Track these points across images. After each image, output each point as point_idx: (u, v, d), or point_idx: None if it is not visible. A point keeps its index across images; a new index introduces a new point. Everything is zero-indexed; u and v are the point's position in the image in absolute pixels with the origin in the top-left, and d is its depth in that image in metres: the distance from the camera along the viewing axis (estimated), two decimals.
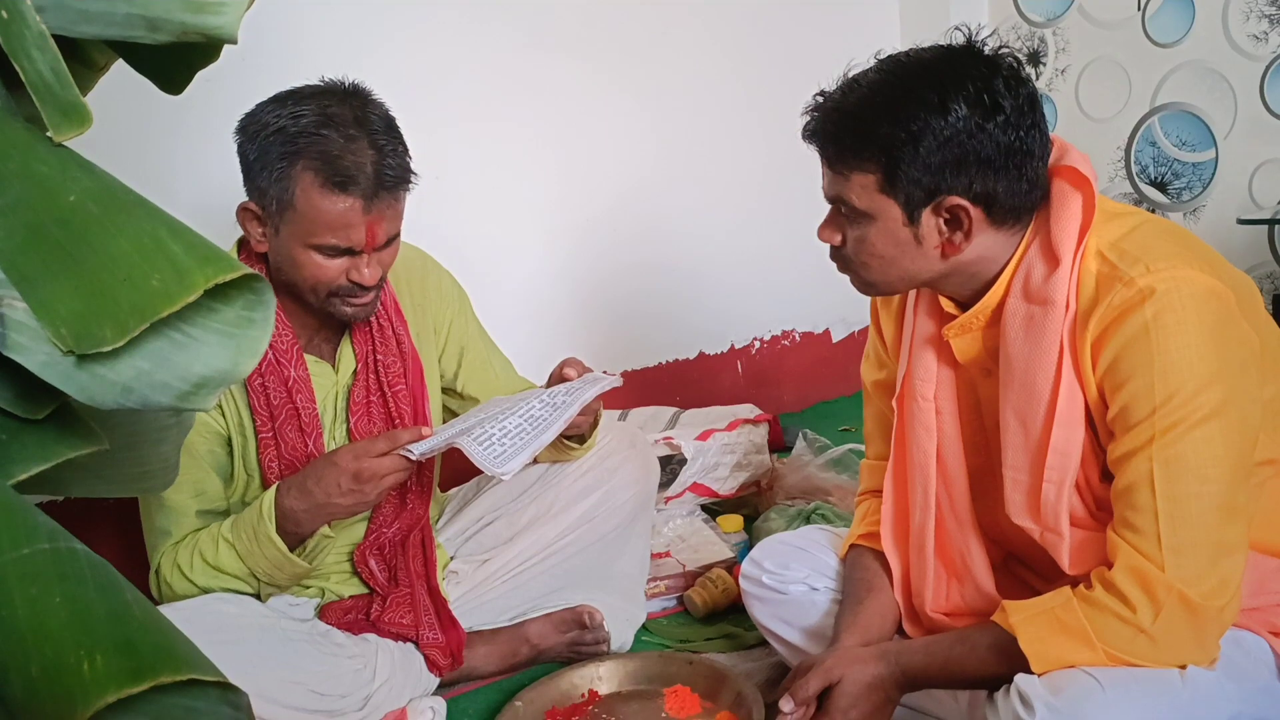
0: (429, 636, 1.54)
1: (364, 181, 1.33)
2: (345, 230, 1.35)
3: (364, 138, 1.34)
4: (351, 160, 1.32)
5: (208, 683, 0.49)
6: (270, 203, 1.35)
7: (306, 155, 1.32)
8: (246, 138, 1.37)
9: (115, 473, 0.68)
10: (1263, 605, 1.11)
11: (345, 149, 1.32)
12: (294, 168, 1.32)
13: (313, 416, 1.47)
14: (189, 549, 1.42)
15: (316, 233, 1.35)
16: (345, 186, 1.32)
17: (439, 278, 1.68)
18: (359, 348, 1.53)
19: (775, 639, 1.47)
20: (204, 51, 0.66)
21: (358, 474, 1.33)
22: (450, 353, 1.67)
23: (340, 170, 1.32)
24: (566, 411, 1.38)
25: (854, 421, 2.53)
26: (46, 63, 0.55)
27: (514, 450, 1.31)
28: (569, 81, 2.50)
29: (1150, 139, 2.82)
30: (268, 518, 1.37)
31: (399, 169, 1.37)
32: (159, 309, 0.51)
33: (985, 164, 1.08)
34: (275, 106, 1.36)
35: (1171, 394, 1.02)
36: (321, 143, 1.32)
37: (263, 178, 1.34)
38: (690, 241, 2.79)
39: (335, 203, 1.33)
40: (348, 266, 1.38)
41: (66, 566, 0.50)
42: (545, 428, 1.35)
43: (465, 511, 1.73)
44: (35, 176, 0.54)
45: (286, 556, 1.39)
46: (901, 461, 1.33)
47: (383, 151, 1.35)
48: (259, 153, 1.35)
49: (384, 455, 1.34)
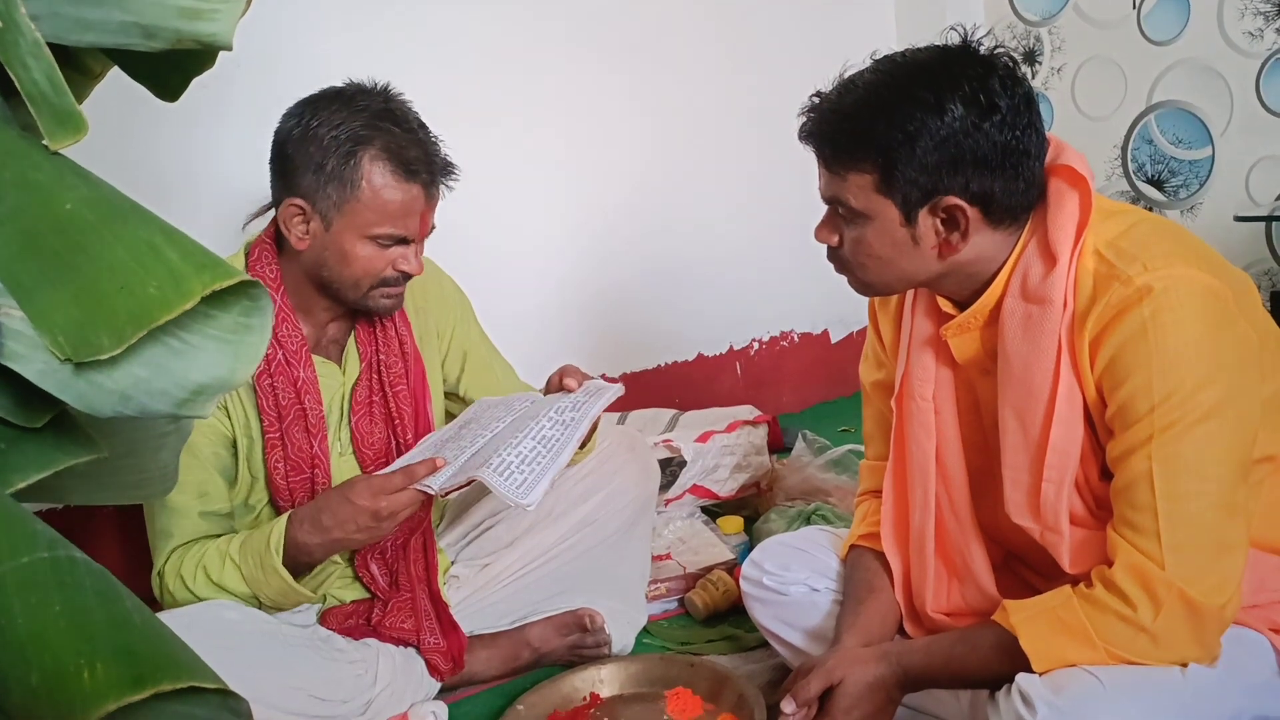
0: (430, 641, 1.54)
1: (429, 169, 1.41)
2: (406, 219, 1.41)
3: (416, 131, 1.42)
4: (416, 152, 1.40)
5: (208, 690, 0.49)
6: (327, 197, 1.38)
7: (375, 146, 1.37)
8: (297, 136, 1.39)
9: (114, 480, 0.68)
10: (1263, 602, 1.11)
11: (409, 141, 1.40)
12: (361, 160, 1.37)
13: (319, 417, 1.48)
14: (194, 560, 1.41)
15: (380, 222, 1.40)
16: (415, 175, 1.39)
17: (441, 283, 1.69)
18: (364, 349, 1.54)
19: (776, 640, 1.47)
20: (199, 58, 0.66)
21: (376, 513, 1.32)
22: (453, 358, 1.68)
23: (408, 160, 1.39)
24: (578, 429, 1.35)
25: (853, 422, 2.52)
26: (42, 71, 0.55)
27: (535, 478, 1.28)
28: (567, 86, 2.51)
29: (1147, 137, 2.83)
30: (275, 550, 1.37)
31: (445, 159, 1.46)
32: (156, 316, 0.51)
33: (982, 164, 1.08)
34: (323, 106, 1.39)
35: (1170, 392, 1.02)
36: (385, 136, 1.38)
37: (322, 173, 1.38)
38: (688, 243, 2.79)
39: (404, 191, 1.39)
40: (396, 257, 1.43)
41: (66, 575, 0.50)
42: (560, 449, 1.32)
43: (466, 516, 1.73)
44: (31, 185, 0.54)
45: (292, 588, 1.39)
46: (901, 462, 1.33)
47: (434, 144, 1.44)
48: (316, 148, 1.37)
49: (401, 490, 1.32)
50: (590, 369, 2.23)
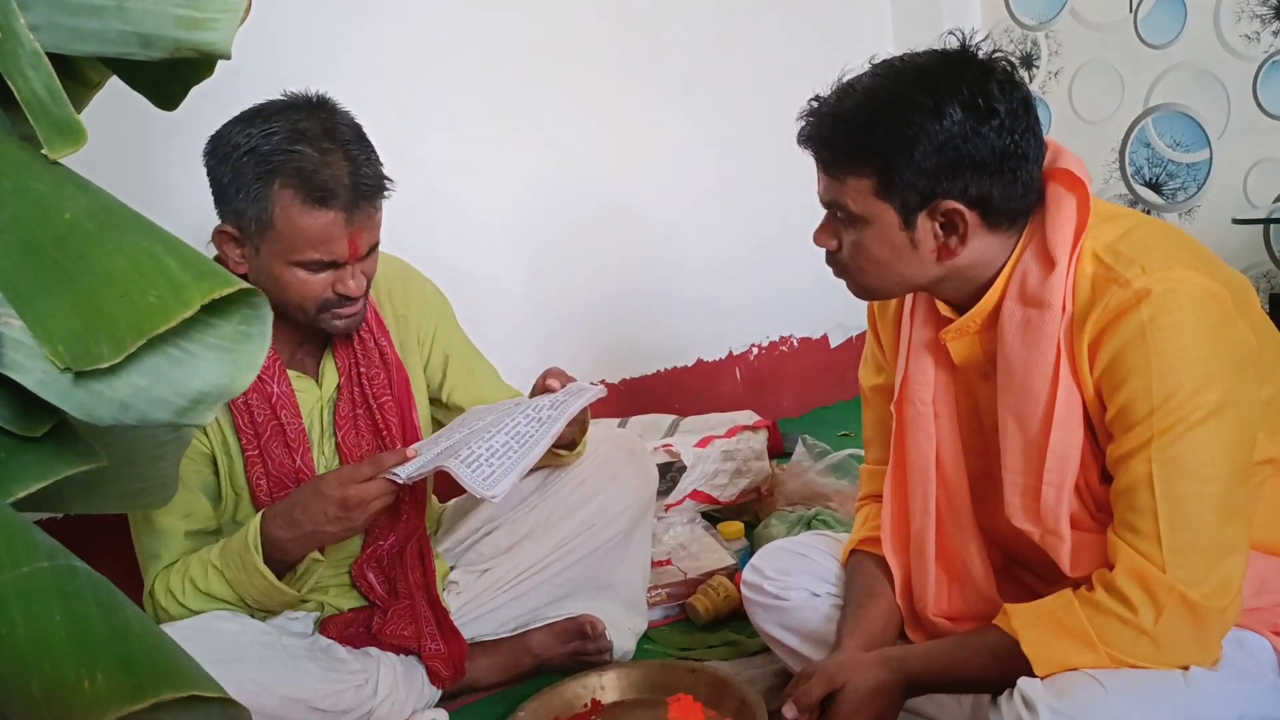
0: (431, 647, 1.54)
1: (343, 194, 1.33)
2: (328, 244, 1.34)
3: (338, 150, 1.34)
4: (329, 174, 1.32)
5: (209, 699, 0.49)
6: (249, 224, 1.34)
7: (283, 173, 1.31)
8: (218, 160, 1.36)
9: (114, 489, 0.68)
10: (1264, 605, 1.11)
11: (321, 163, 1.32)
12: (270, 187, 1.32)
13: (298, 432, 1.47)
14: (180, 574, 1.41)
15: (299, 249, 1.34)
16: (325, 201, 1.32)
17: (421, 287, 1.67)
18: (341, 362, 1.52)
19: (777, 646, 1.47)
20: (198, 67, 0.67)
21: (344, 501, 1.33)
22: (435, 362, 1.66)
23: (318, 185, 1.31)
24: (553, 427, 1.37)
25: (853, 427, 2.52)
26: (41, 81, 0.55)
27: (502, 471, 1.30)
28: (563, 88, 2.51)
29: (1144, 140, 2.83)
30: (254, 548, 1.37)
31: (374, 177, 1.37)
32: (156, 325, 0.51)
33: (980, 168, 1.08)
34: (244, 125, 1.35)
35: (1169, 395, 1.02)
36: (296, 159, 1.31)
37: (239, 199, 1.33)
38: (687, 249, 2.80)
39: (316, 218, 1.32)
40: (333, 280, 1.38)
41: (66, 584, 0.50)
42: (532, 445, 1.34)
43: (464, 521, 1.73)
44: (31, 194, 0.54)
45: (275, 585, 1.38)
46: (901, 466, 1.33)
47: (357, 162, 1.35)
48: (233, 174, 1.33)
49: (370, 480, 1.33)
50: (590, 375, 2.22)
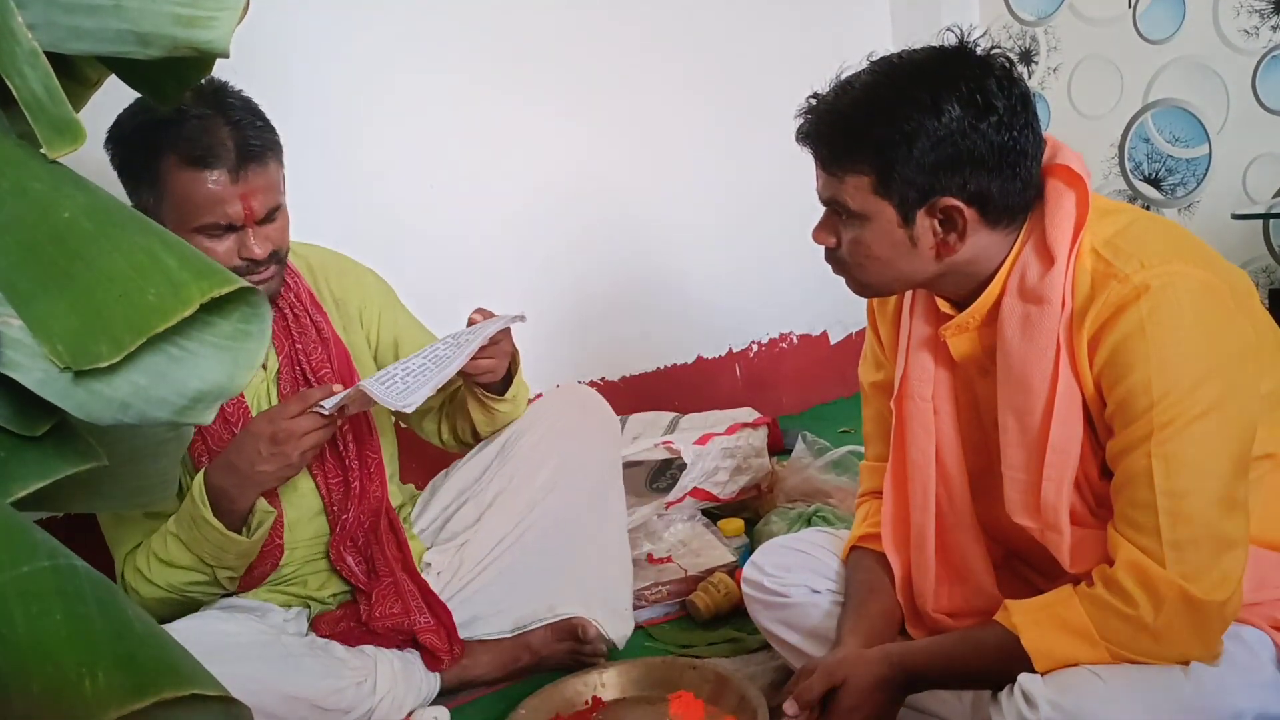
0: (421, 621, 1.56)
1: (225, 155, 1.37)
2: (220, 206, 1.38)
3: (219, 116, 1.39)
4: (210, 138, 1.37)
5: (210, 697, 0.49)
6: (148, 199, 1.39)
7: (167, 142, 1.36)
8: (114, 144, 1.41)
9: (114, 488, 0.68)
10: (1264, 600, 1.11)
11: (200, 129, 1.37)
12: (158, 158, 1.37)
13: (237, 408, 1.50)
14: (144, 552, 1.45)
15: (194, 214, 1.38)
16: (208, 162, 1.36)
17: (359, 276, 1.71)
18: (278, 341, 1.56)
19: (778, 642, 1.47)
20: (196, 65, 0.66)
21: (274, 436, 1.38)
22: (385, 344, 1.70)
23: (200, 147, 1.36)
24: (469, 348, 1.44)
25: (853, 423, 2.52)
26: (38, 79, 0.55)
27: (415, 385, 1.38)
28: (562, 86, 2.51)
29: (1143, 135, 2.83)
30: (200, 501, 1.40)
31: (261, 140, 1.41)
32: (155, 324, 0.51)
33: (979, 164, 1.08)
34: (133, 108, 1.40)
35: (1168, 389, 1.02)
36: (178, 129, 1.36)
37: (138, 177, 1.39)
38: (686, 246, 2.79)
39: (203, 179, 1.37)
40: (236, 246, 1.42)
41: (66, 583, 0.50)
42: (447, 363, 1.42)
43: (434, 501, 1.75)
44: (29, 193, 0.54)
45: (225, 535, 1.40)
46: (900, 462, 1.33)
47: (239, 126, 1.39)
48: (126, 154, 1.40)
49: (299, 416, 1.38)
50: (590, 371, 2.22)
